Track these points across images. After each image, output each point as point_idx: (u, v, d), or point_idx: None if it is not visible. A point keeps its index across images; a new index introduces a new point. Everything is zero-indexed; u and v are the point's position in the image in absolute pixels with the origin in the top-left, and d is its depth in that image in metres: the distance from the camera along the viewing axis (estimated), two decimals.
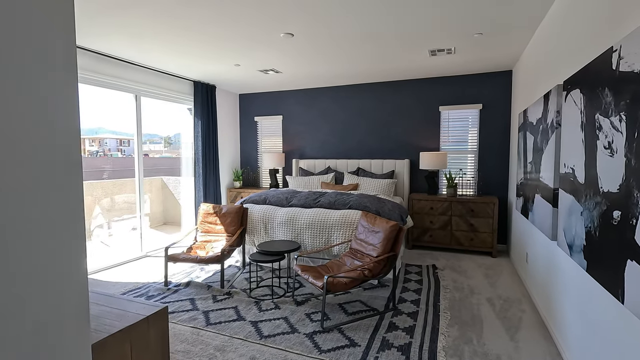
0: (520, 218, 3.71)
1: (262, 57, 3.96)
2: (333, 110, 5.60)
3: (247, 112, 6.25)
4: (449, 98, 4.93)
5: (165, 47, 3.62)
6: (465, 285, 3.45)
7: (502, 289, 3.37)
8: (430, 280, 3.57)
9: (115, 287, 3.41)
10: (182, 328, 2.58)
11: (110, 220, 5.70)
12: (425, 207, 4.66)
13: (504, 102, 4.66)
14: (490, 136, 4.75)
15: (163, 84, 4.68)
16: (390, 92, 5.23)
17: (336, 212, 3.67)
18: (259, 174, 6.25)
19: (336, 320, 2.70)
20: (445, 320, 2.70)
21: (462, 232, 4.52)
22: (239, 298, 3.11)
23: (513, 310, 2.92)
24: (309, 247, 3.63)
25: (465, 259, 4.32)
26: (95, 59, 3.79)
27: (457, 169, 4.93)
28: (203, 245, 3.70)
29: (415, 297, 3.14)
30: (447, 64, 4.29)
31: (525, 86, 3.64)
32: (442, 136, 5.01)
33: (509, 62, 4.22)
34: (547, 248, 2.62)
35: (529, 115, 3.20)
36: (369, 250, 3.01)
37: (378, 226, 3.04)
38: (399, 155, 5.25)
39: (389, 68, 4.47)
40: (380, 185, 4.81)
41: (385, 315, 2.78)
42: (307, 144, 5.83)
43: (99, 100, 3.93)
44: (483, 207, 4.40)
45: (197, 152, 5.17)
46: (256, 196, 4.27)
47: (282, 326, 2.60)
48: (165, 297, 3.14)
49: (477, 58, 4.02)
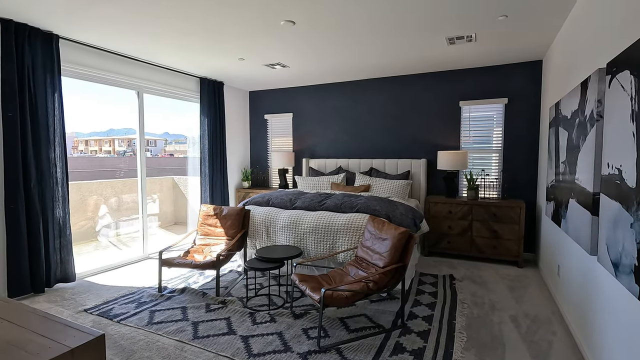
0: (551, 225, 3.28)
1: (265, 49, 3.71)
2: (345, 107, 5.30)
3: (257, 109, 6.05)
4: (470, 92, 4.52)
5: (166, 41, 3.45)
6: (486, 300, 3.07)
7: (529, 305, 2.97)
8: (446, 292, 3.21)
9: (110, 292, 3.26)
10: (167, 341, 2.37)
11: (118, 220, 5.64)
12: (443, 211, 4.29)
13: (532, 96, 4.21)
14: (516, 133, 4.31)
15: (167, 81, 4.54)
16: (405, 87, 4.88)
17: (342, 216, 3.37)
18: (268, 174, 6.03)
19: (335, 338, 2.41)
20: (460, 343, 2.35)
21: (483, 239, 4.11)
22: (234, 308, 2.87)
23: (542, 332, 2.53)
24: (312, 254, 3.36)
25: (487, 269, 3.91)
26: (95, 54, 3.67)
27: (479, 169, 4.51)
28: (201, 249, 3.50)
29: (428, 313, 2.80)
30: (467, 55, 3.90)
31: (558, 75, 3.21)
32: (463, 134, 4.61)
33: (538, 50, 3.79)
34: (585, 263, 2.23)
35: (562, 107, 2.79)
36: (375, 260, 2.70)
37: (386, 233, 2.73)
38: (415, 154, 4.88)
39: (404, 60, 4.12)
40: (394, 186, 4.47)
41: (392, 334, 2.47)
42: (317, 142, 5.56)
43: (127, 102, 3.84)
44: (508, 211, 3.98)
45: (203, 150, 5.00)
46: (259, 197, 4.04)
47: (274, 343, 2.34)
48: (158, 304, 2.95)
49: (501, 46, 3.62)
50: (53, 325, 1.17)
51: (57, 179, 3.30)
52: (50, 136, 3.24)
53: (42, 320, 1.19)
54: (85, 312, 2.82)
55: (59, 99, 3.28)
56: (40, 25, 3.06)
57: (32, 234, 3.11)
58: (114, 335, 2.45)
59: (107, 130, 11.08)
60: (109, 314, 2.78)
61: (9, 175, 2.96)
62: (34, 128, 3.12)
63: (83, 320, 2.68)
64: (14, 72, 2.95)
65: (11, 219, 2.98)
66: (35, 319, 1.21)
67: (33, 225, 3.10)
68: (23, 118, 3.02)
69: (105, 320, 2.67)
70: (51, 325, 1.17)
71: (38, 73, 3.12)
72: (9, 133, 2.94)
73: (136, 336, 2.44)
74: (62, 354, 1.00)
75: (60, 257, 3.36)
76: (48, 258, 3.23)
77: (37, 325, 1.16)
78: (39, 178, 3.16)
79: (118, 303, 2.98)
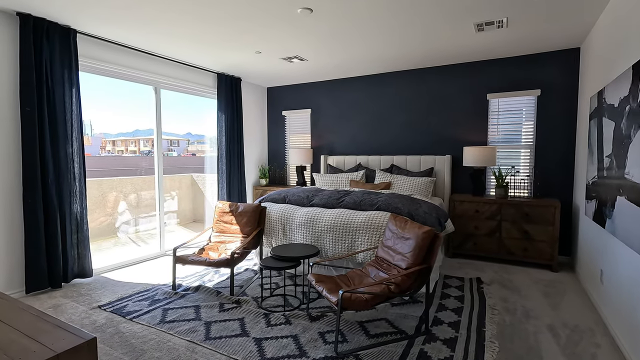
0: (591, 226, 3.00)
1: (282, 40, 3.59)
2: (365, 101, 5.12)
3: (275, 106, 5.95)
4: (499, 84, 4.24)
5: (181, 33, 3.38)
6: (518, 307, 2.83)
7: (568, 313, 2.71)
8: (473, 297, 2.99)
9: (125, 288, 3.22)
10: (178, 342, 2.28)
11: (137, 216, 5.67)
12: (469, 210, 4.04)
13: (568, 87, 3.90)
14: (550, 127, 4.01)
15: (185, 76, 4.50)
16: (429, 79, 4.65)
17: (362, 214, 3.20)
18: (286, 171, 5.92)
19: (354, 344, 2.25)
20: (492, 353, 2.14)
21: (513, 240, 3.84)
22: (248, 308, 2.76)
23: (584, 343, 2.28)
24: (330, 253, 3.21)
25: (518, 273, 3.64)
26: (112, 49, 3.65)
27: (508, 166, 4.23)
28: (216, 247, 3.42)
29: (455, 319, 2.59)
30: (496, 43, 3.64)
31: (600, 61, 2.92)
32: (491, 129, 4.33)
33: (576, 36, 3.48)
34: (636, 268, 1.97)
35: (608, 95, 2.52)
36: (397, 261, 2.52)
37: (409, 232, 2.54)
38: (439, 150, 4.64)
39: (427, 50, 3.90)
40: (416, 184, 4.25)
41: (416, 341, 2.28)
42: (336, 139, 5.40)
43: (152, 105, 3.86)
44: (541, 211, 3.69)
45: (220, 147, 4.94)
46: (276, 194, 3.92)
47: (289, 347, 2.21)
48: (171, 302, 2.88)
49: (534, 33, 3.35)
50: (43, 325, 1.07)
51: (75, 174, 3.30)
52: (68, 131, 3.23)
53: (32, 320, 1.10)
54: (99, 309, 2.77)
55: (76, 94, 3.27)
56: (58, 19, 3.05)
57: (50, 229, 3.11)
58: (126, 334, 2.38)
59: (133, 131, 11.42)
60: (122, 311, 2.72)
61: (27, 171, 2.96)
62: (52, 123, 3.12)
63: (97, 316, 2.64)
64: (32, 67, 2.94)
65: (29, 214, 2.98)
66: (26, 317, 1.11)
67: (51, 220, 3.10)
68: (41, 113, 3.02)
69: (118, 318, 2.62)
70: (41, 325, 1.07)
71: (56, 68, 3.12)
72: (27, 128, 2.94)
73: (147, 335, 2.36)
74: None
75: (78, 252, 3.35)
76: (65, 253, 3.22)
77: (25, 325, 1.06)
78: (57, 173, 3.16)
79: (132, 300, 2.93)
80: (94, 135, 8.95)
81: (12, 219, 2.99)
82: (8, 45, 2.93)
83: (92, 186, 5.11)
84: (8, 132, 2.95)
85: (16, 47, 2.98)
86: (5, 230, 2.95)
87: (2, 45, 2.90)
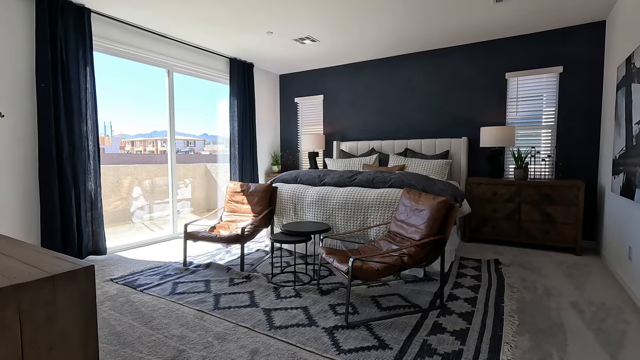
0: (619, 201, 2.83)
1: (295, 19, 3.54)
2: (378, 86, 5.02)
3: (288, 93, 5.92)
4: (518, 62, 4.08)
5: (193, 13, 3.38)
6: (539, 285, 2.70)
7: (593, 292, 2.56)
8: (492, 276, 2.87)
9: (137, 265, 3.24)
10: (187, 310, 2.26)
11: (152, 202, 5.73)
12: (487, 193, 3.90)
13: (593, 62, 3.71)
14: (573, 105, 3.83)
15: (197, 60, 4.51)
16: (444, 60, 4.52)
17: (374, 191, 3.12)
18: (298, 158, 5.88)
19: (365, 315, 2.18)
20: (511, 326, 2.03)
21: (534, 223, 3.68)
22: (258, 282, 2.73)
23: (611, 320, 2.14)
24: (341, 231, 3.14)
25: (539, 256, 3.49)
26: (126, 30, 3.69)
27: (528, 147, 4.06)
28: (227, 225, 3.40)
29: (471, 295, 2.48)
30: (515, 18, 3.50)
31: (629, 29, 2.76)
32: (510, 109, 4.17)
33: (601, 8, 3.31)
34: None
35: (637, 58, 2.36)
36: (411, 233, 2.43)
37: (423, 203, 2.45)
38: (455, 133, 4.51)
39: (444, 28, 3.78)
40: (431, 166, 4.14)
41: (430, 314, 2.19)
42: (349, 124, 5.33)
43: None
44: (564, 192, 3.53)
45: (232, 133, 4.94)
46: (287, 175, 3.88)
47: (298, 317, 2.15)
48: (182, 277, 2.87)
49: (556, 4, 3.19)
50: (44, 257, 1.05)
51: (89, 152, 3.33)
52: (82, 109, 3.27)
53: (34, 254, 1.08)
54: (111, 281, 2.79)
55: (90, 73, 3.31)
56: None
57: (65, 206, 3.15)
58: (136, 303, 2.38)
59: (151, 132, 11.77)
60: (133, 283, 2.73)
61: (42, 146, 3.01)
62: (67, 100, 3.16)
63: (108, 288, 2.65)
64: (47, 45, 2.99)
65: (45, 190, 3.03)
66: (28, 252, 1.10)
67: (66, 196, 3.14)
68: (56, 90, 3.06)
69: (129, 289, 2.62)
70: (42, 257, 1.05)
71: (70, 46, 3.16)
72: (42, 105, 2.99)
73: (157, 304, 2.35)
74: (40, 279, 0.86)
75: (92, 229, 3.39)
76: (80, 230, 3.27)
77: (26, 256, 1.04)
78: (71, 150, 3.20)
79: (144, 275, 2.94)
80: (114, 135, 9.15)
81: (28, 194, 3.04)
82: (24, 23, 2.98)
83: (108, 172, 5.18)
84: (25, 108, 3.00)
85: (32, 25, 3.03)
86: (22, 206, 3.01)
87: (19, 23, 2.95)
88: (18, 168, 2.97)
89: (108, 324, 2.09)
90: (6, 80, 2.88)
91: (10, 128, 2.92)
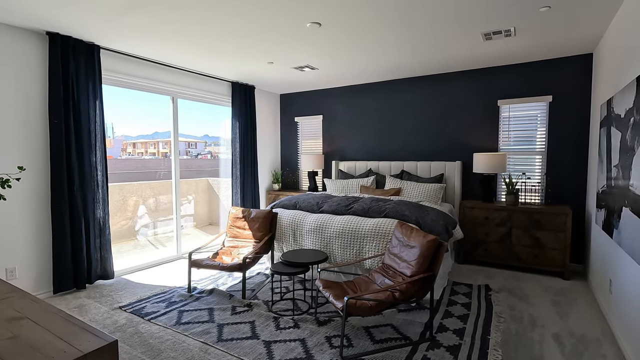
0: (601, 235, 2.98)
1: (293, 52, 3.71)
2: (376, 108, 5.18)
3: (288, 112, 6.09)
4: (510, 90, 4.24)
5: (197, 47, 3.55)
6: (525, 315, 2.84)
7: (575, 322, 2.71)
8: (480, 304, 3.02)
9: (144, 290, 3.40)
10: (192, 343, 2.41)
11: (156, 220, 5.90)
12: (479, 217, 4.05)
13: (580, 93, 3.86)
14: (562, 133, 3.98)
15: (200, 86, 4.68)
16: (439, 86, 4.68)
17: (369, 221, 3.28)
18: (298, 176, 6.04)
19: (359, 349, 2.33)
20: None
21: (524, 248, 3.83)
22: (259, 311, 2.88)
23: (589, 354, 2.29)
24: (338, 259, 3.30)
25: (528, 280, 3.63)
26: (132, 62, 3.85)
27: (519, 172, 4.21)
28: (230, 251, 3.56)
29: (460, 326, 2.63)
30: (506, 50, 3.65)
31: (610, 69, 2.91)
32: (502, 135, 4.33)
33: (588, 43, 3.46)
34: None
35: (615, 105, 2.52)
36: (402, 268, 2.59)
37: (414, 240, 2.60)
38: (450, 156, 4.66)
39: (436, 58, 3.94)
40: (426, 190, 4.29)
41: (419, 347, 2.34)
42: (347, 144, 5.49)
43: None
44: (552, 218, 3.67)
45: (234, 154, 5.10)
46: (287, 200, 4.03)
47: (296, 350, 2.31)
48: (186, 305, 3.03)
49: (544, 40, 3.35)
50: (72, 328, 1.20)
51: (98, 181, 3.50)
52: (92, 141, 3.44)
53: (63, 323, 1.23)
54: (120, 309, 2.95)
55: (99, 106, 3.48)
56: (83, 37, 3.25)
57: (75, 234, 3.31)
58: (144, 334, 2.53)
59: (152, 133, 11.87)
60: (141, 312, 2.88)
61: (55, 178, 3.17)
62: (77, 134, 3.33)
63: (118, 316, 2.81)
64: (59, 82, 3.16)
65: (56, 219, 3.19)
66: (58, 321, 1.25)
67: (76, 225, 3.31)
68: (67, 124, 3.23)
69: (137, 318, 2.78)
70: (70, 328, 1.20)
71: (81, 82, 3.32)
72: (55, 139, 3.16)
73: (164, 335, 2.51)
74: (75, 359, 1.02)
75: (101, 255, 3.55)
76: (89, 256, 3.43)
77: (57, 328, 1.20)
78: (81, 181, 3.37)
79: (150, 302, 3.10)
80: (115, 137, 9.30)
81: (40, 223, 3.21)
82: (38, 62, 3.15)
83: (114, 191, 5.35)
84: (38, 142, 3.16)
85: (45, 63, 3.19)
86: (35, 234, 3.17)
87: (34, 62, 3.12)
88: (32, 199, 3.14)
89: (120, 358, 2.24)
90: (20, 116, 3.05)
91: (24, 162, 3.08)
